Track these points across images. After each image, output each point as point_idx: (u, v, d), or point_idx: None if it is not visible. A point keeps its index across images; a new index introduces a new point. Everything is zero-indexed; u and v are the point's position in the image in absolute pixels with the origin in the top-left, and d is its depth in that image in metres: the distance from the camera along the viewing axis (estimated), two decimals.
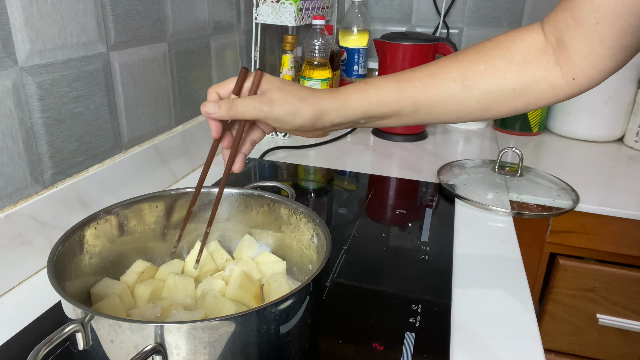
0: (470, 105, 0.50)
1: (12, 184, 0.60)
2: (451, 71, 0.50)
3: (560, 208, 0.90)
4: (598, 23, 0.44)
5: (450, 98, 0.50)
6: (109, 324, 0.38)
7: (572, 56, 0.47)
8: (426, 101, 0.50)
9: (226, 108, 0.48)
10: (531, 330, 0.57)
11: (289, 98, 0.49)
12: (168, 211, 0.59)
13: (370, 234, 0.78)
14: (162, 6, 0.83)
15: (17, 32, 0.57)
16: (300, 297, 0.44)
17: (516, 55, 0.48)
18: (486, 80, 0.49)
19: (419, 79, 0.50)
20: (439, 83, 0.50)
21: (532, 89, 0.48)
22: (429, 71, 0.50)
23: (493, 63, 0.49)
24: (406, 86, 0.50)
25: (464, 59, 0.50)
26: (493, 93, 0.49)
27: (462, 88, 0.49)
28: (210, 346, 0.39)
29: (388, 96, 0.50)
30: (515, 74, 0.48)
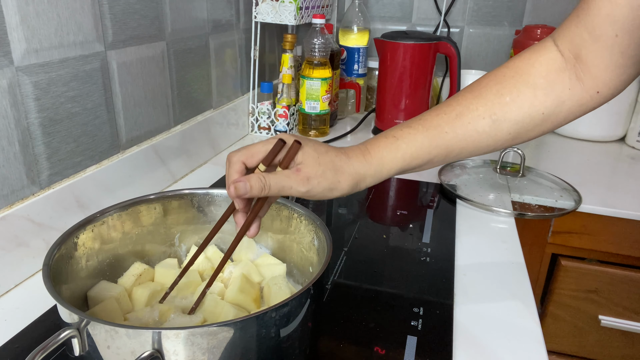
0: (502, 138, 0.49)
1: (8, 185, 0.59)
2: (477, 108, 0.48)
3: (562, 209, 0.89)
4: (617, 35, 0.43)
5: (480, 136, 0.49)
6: (105, 330, 0.37)
7: (593, 70, 0.46)
8: (458, 144, 0.49)
9: (259, 188, 0.44)
10: (534, 333, 0.56)
11: (327, 173, 0.46)
12: (166, 213, 0.59)
13: (371, 235, 0.77)
14: (160, 5, 0.82)
15: (12, 31, 0.56)
16: (301, 301, 0.43)
17: (539, 79, 0.47)
18: (514, 111, 0.48)
19: (447, 123, 0.49)
20: (468, 123, 0.48)
21: (560, 109, 0.48)
22: (455, 112, 0.49)
23: (518, 92, 0.48)
24: (436, 134, 0.49)
25: (487, 93, 0.49)
26: (524, 122, 0.48)
27: (491, 124, 0.48)
28: (209, 352, 0.38)
29: (420, 148, 0.49)
30: (542, 99, 0.47)
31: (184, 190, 0.59)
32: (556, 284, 0.97)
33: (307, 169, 0.45)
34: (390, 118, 1.21)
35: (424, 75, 1.17)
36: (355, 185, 0.48)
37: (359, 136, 1.24)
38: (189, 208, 0.60)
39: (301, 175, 0.45)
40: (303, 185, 0.45)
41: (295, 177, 0.45)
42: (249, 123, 1.22)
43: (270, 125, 1.20)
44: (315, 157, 0.46)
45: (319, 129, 1.21)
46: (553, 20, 1.38)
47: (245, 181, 0.44)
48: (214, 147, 1.06)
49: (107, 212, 0.53)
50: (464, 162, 1.06)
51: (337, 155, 0.48)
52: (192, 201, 0.59)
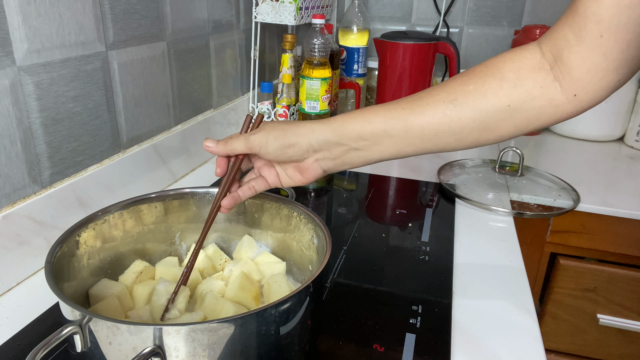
0: (467, 125, 0.48)
1: (10, 184, 0.59)
2: (439, 93, 0.49)
3: (560, 208, 0.90)
4: (602, 36, 0.43)
5: (442, 118, 0.48)
6: (107, 326, 0.38)
7: (573, 72, 0.45)
8: (415, 120, 0.49)
9: (222, 143, 0.52)
10: (532, 332, 0.56)
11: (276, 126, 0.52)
12: (167, 211, 0.59)
13: (370, 234, 0.78)
14: (161, 5, 0.82)
15: (14, 31, 0.57)
16: (300, 299, 0.43)
17: (508, 73, 0.47)
18: (477, 98, 0.48)
19: (406, 102, 0.50)
20: (427, 104, 0.49)
21: (529, 105, 0.47)
22: (417, 96, 0.50)
23: (483, 82, 0.48)
24: (393, 107, 0.50)
25: (452, 83, 0.50)
26: (487, 111, 0.48)
27: (452, 107, 0.48)
28: (209, 348, 0.38)
29: (375, 115, 0.50)
30: (508, 91, 0.47)
31: (184, 189, 0.60)
32: (555, 283, 0.98)
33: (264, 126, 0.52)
34: None
35: (423, 75, 1.18)
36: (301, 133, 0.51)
37: None
38: (189, 207, 0.60)
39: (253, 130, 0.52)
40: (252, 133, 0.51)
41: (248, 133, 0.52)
42: None
43: None
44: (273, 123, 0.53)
45: None
46: (552, 20, 1.39)
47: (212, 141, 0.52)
48: None
49: (108, 210, 0.54)
50: (463, 162, 1.06)
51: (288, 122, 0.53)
52: (192, 200, 0.60)
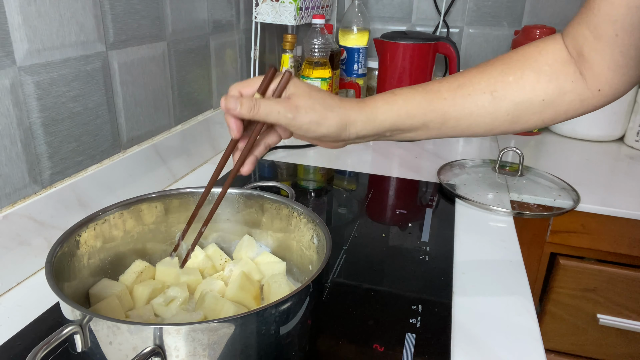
0: (500, 117, 0.49)
1: (10, 184, 0.60)
2: (480, 82, 0.49)
3: (560, 208, 0.90)
4: (617, 35, 0.44)
5: (479, 110, 0.49)
6: (107, 326, 0.38)
7: (595, 68, 0.46)
8: (455, 113, 0.49)
9: (248, 107, 0.45)
10: (532, 331, 0.56)
11: (316, 106, 0.47)
12: (167, 211, 0.59)
13: (371, 234, 0.78)
14: (161, 5, 0.82)
15: (15, 31, 0.57)
16: (300, 298, 0.43)
17: (544, 66, 0.48)
18: (516, 91, 0.48)
19: (447, 90, 0.49)
20: (468, 94, 0.49)
21: (561, 100, 0.48)
22: (457, 82, 0.49)
23: (522, 74, 0.48)
24: (435, 97, 0.49)
25: (492, 70, 0.49)
26: (523, 104, 0.48)
27: (491, 100, 0.48)
28: (209, 348, 0.38)
29: (417, 107, 0.49)
30: (544, 85, 0.48)
31: (184, 189, 0.60)
32: (555, 283, 0.98)
33: (297, 99, 0.46)
34: None
35: (423, 75, 1.18)
36: (344, 126, 0.48)
37: None
38: (189, 207, 0.60)
39: (291, 103, 0.46)
40: (290, 111, 0.46)
41: (284, 103, 0.46)
42: None
43: None
44: (308, 92, 0.47)
45: None
46: (552, 20, 1.39)
47: (236, 99, 0.45)
48: (215, 146, 1.07)
49: (108, 210, 0.54)
50: (463, 162, 1.06)
51: (331, 96, 0.48)
52: (192, 200, 0.60)
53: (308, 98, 0.47)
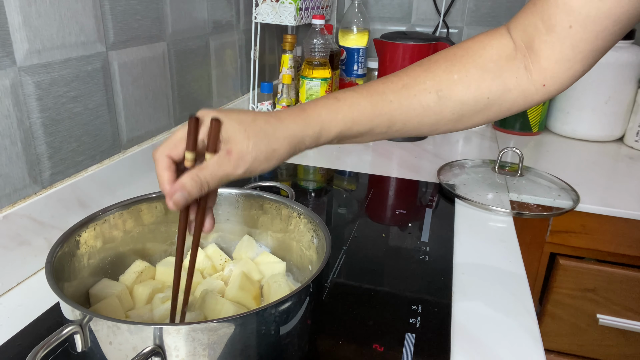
0: (445, 117, 0.48)
1: (11, 184, 0.60)
2: (425, 81, 0.47)
3: (560, 208, 0.90)
4: (571, 27, 0.43)
5: (425, 111, 0.47)
6: (107, 326, 0.38)
7: (542, 62, 0.45)
8: (401, 116, 0.48)
9: (197, 189, 0.40)
10: (532, 331, 0.56)
11: (260, 145, 0.42)
12: (167, 211, 0.59)
13: (370, 234, 0.78)
14: (161, 5, 0.82)
15: (15, 31, 0.57)
16: (300, 298, 0.43)
17: (489, 63, 0.47)
18: (461, 90, 0.47)
19: (392, 92, 0.47)
20: (413, 95, 0.47)
21: (505, 97, 0.47)
22: (402, 82, 0.48)
23: (467, 72, 0.47)
24: (380, 100, 0.47)
25: (436, 68, 0.48)
26: (468, 103, 0.47)
27: (437, 100, 0.47)
28: (209, 348, 0.38)
29: (362, 113, 0.46)
30: (489, 82, 0.47)
31: None
32: (554, 283, 0.98)
33: (237, 147, 0.41)
34: None
35: None
36: (294, 148, 0.44)
37: None
38: None
39: (234, 156, 0.41)
40: (239, 167, 0.41)
41: (228, 162, 0.41)
42: None
43: None
44: (243, 130, 0.42)
45: None
46: None
47: (181, 189, 0.40)
48: None
49: (108, 210, 0.54)
50: (463, 162, 1.06)
51: (267, 121, 0.43)
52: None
53: (246, 138, 0.41)
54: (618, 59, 1.16)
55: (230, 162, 0.41)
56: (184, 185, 0.40)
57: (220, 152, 0.41)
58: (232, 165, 0.41)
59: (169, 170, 0.41)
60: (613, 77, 1.18)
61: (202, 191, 0.41)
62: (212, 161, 0.41)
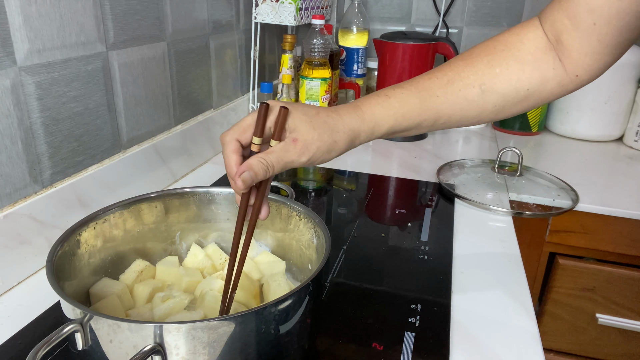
0: (487, 109, 0.50)
1: (11, 183, 0.60)
2: (469, 76, 0.49)
3: (559, 208, 0.90)
4: (595, 24, 0.45)
5: (469, 104, 0.49)
6: (108, 324, 0.38)
7: (573, 54, 0.47)
8: (447, 110, 0.50)
9: (263, 171, 0.42)
10: (531, 330, 0.57)
11: (323, 136, 0.45)
12: (167, 211, 0.59)
13: (370, 234, 0.78)
14: (161, 5, 0.83)
15: (15, 31, 0.57)
16: (300, 297, 0.43)
17: (527, 55, 0.49)
18: (503, 83, 0.49)
19: (439, 87, 0.49)
20: (458, 90, 0.49)
21: (544, 88, 0.49)
22: (447, 77, 0.50)
23: (507, 65, 0.49)
24: (428, 96, 0.49)
25: (478, 63, 0.50)
26: (509, 96, 0.49)
27: (480, 93, 0.49)
28: (209, 346, 0.38)
29: (412, 109, 0.49)
30: (529, 74, 0.49)
31: (184, 189, 0.60)
32: (554, 283, 0.98)
33: (303, 136, 0.44)
34: None
35: None
36: (351, 142, 0.48)
37: None
38: (189, 206, 0.60)
39: (299, 145, 0.44)
40: (304, 154, 0.44)
41: (294, 149, 0.43)
42: None
43: None
44: (308, 121, 0.44)
45: None
46: None
47: (248, 169, 0.42)
48: (214, 147, 1.07)
49: (109, 210, 0.54)
50: (463, 162, 1.07)
51: (329, 115, 0.46)
52: (192, 200, 0.60)
53: (312, 130, 0.44)
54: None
55: (295, 149, 0.43)
56: (251, 166, 0.42)
57: (286, 140, 0.44)
58: (297, 153, 0.44)
59: (236, 153, 0.44)
60: (612, 77, 1.18)
61: (267, 174, 0.43)
62: (278, 147, 0.43)
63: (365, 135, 0.49)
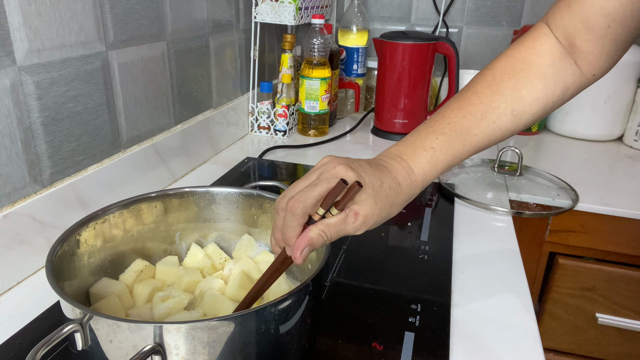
0: (517, 130, 0.51)
1: (11, 183, 0.60)
2: (499, 106, 0.50)
3: (559, 207, 0.90)
4: (609, 26, 0.46)
5: (503, 132, 0.50)
6: (107, 324, 0.38)
7: (588, 56, 0.48)
8: (484, 144, 0.50)
9: (321, 242, 0.42)
10: (531, 330, 0.56)
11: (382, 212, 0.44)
12: (167, 211, 0.59)
13: (370, 233, 0.77)
14: (160, 5, 0.82)
15: (15, 31, 0.57)
16: (300, 297, 0.43)
17: (547, 69, 0.49)
18: (531, 104, 0.49)
19: (475, 126, 0.49)
20: (493, 122, 0.50)
21: (564, 95, 0.50)
22: (480, 112, 0.49)
23: (532, 85, 0.49)
24: (468, 139, 0.49)
25: (504, 88, 0.49)
26: (537, 113, 0.50)
27: (512, 119, 0.50)
28: (209, 346, 0.38)
29: (456, 157, 0.50)
30: (552, 88, 0.49)
31: (184, 189, 0.60)
32: (554, 282, 0.98)
33: (365, 211, 0.43)
34: (389, 118, 1.21)
35: (422, 75, 1.18)
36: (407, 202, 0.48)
37: (358, 135, 1.25)
38: (189, 206, 0.60)
39: (359, 219, 0.42)
40: (361, 228, 0.43)
41: (353, 223, 0.42)
42: (249, 123, 1.23)
43: (270, 125, 1.21)
44: (373, 196, 0.43)
45: (318, 129, 1.22)
46: None
47: (310, 245, 0.41)
48: (214, 146, 1.07)
49: (108, 209, 0.54)
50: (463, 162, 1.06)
51: (391, 186, 0.45)
52: (192, 199, 0.60)
53: (375, 205, 0.43)
54: None
55: (355, 223, 0.42)
56: (312, 241, 0.41)
57: (348, 212, 0.42)
58: (355, 227, 0.43)
59: (302, 226, 0.42)
60: (612, 76, 1.18)
61: (324, 245, 0.43)
62: (339, 218, 0.42)
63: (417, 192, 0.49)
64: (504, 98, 0.49)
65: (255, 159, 1.07)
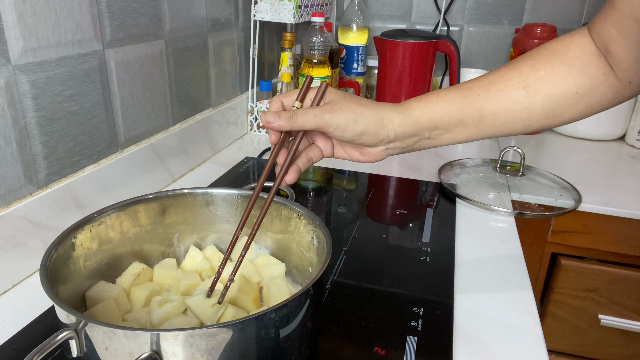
0: (536, 112, 0.49)
1: (6, 184, 0.59)
2: (512, 78, 0.49)
3: (562, 208, 0.89)
4: None
5: (514, 105, 0.49)
6: (103, 331, 0.37)
7: (622, 63, 0.47)
8: (490, 108, 0.49)
9: (286, 118, 0.47)
10: (535, 333, 0.56)
11: (351, 105, 0.48)
12: (164, 212, 0.58)
13: (371, 235, 0.77)
14: (158, 3, 0.81)
15: (9, 29, 0.56)
16: (300, 302, 0.43)
17: (574, 59, 0.48)
18: (548, 84, 0.48)
19: (479, 87, 0.49)
20: (501, 90, 0.49)
21: (594, 92, 0.48)
22: (488, 80, 0.50)
23: (552, 68, 0.48)
24: (468, 94, 0.49)
25: (521, 66, 0.49)
26: (557, 97, 0.48)
27: (525, 94, 0.48)
28: (208, 353, 0.37)
29: (451, 103, 0.49)
30: (576, 77, 0.48)
31: (182, 190, 0.59)
32: (556, 283, 0.97)
33: (334, 103, 0.48)
34: None
35: (423, 73, 1.17)
36: (381, 121, 0.49)
37: None
38: (187, 208, 0.59)
39: (327, 106, 0.48)
40: (327, 112, 0.47)
41: (321, 108, 0.48)
42: (248, 122, 1.22)
43: None
44: (345, 95, 0.49)
45: None
46: (552, 18, 1.38)
47: (275, 113, 0.47)
48: (213, 146, 1.06)
49: (105, 211, 0.53)
50: (464, 162, 1.06)
51: (366, 99, 0.50)
52: (191, 201, 0.59)
53: (343, 100, 0.48)
54: None
55: (322, 109, 0.47)
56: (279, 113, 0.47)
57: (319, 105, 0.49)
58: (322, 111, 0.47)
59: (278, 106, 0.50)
60: None
61: (290, 124, 0.47)
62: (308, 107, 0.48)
63: (398, 120, 0.49)
64: (518, 73, 0.49)
65: (254, 159, 1.06)
